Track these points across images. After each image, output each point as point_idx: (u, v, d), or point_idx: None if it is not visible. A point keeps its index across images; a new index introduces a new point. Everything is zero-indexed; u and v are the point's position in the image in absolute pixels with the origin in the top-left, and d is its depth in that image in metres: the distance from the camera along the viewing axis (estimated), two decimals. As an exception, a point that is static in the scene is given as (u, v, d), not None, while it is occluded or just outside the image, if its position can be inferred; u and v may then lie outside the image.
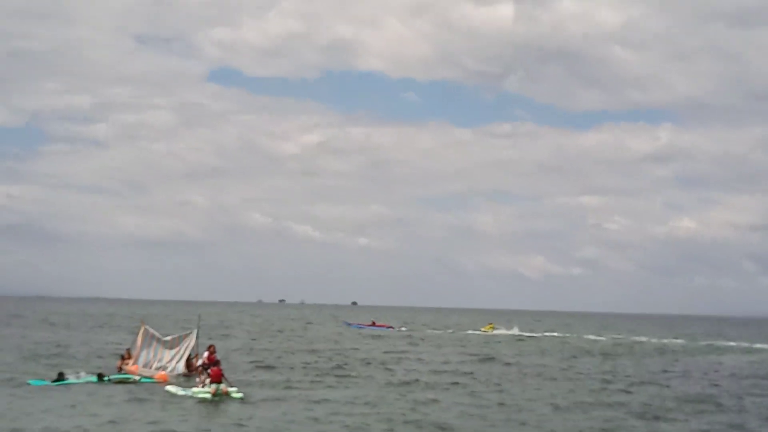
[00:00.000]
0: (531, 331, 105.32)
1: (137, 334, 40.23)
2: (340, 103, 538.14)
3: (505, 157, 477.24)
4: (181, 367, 38.81)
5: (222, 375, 31.75)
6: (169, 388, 32.43)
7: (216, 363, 32.98)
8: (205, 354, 34.23)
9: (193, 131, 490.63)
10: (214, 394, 30.82)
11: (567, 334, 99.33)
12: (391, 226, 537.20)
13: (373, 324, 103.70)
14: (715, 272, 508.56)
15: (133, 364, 38.44)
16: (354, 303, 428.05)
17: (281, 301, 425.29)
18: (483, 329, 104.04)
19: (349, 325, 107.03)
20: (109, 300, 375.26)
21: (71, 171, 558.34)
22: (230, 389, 31.58)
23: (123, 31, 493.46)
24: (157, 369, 38.27)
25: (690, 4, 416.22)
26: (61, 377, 34.80)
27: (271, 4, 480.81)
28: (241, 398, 30.90)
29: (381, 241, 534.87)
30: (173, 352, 39.26)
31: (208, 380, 31.66)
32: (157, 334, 40.41)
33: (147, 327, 40.54)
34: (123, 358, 39.17)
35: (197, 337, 40.12)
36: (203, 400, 30.44)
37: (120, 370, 38.08)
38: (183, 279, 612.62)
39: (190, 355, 39.46)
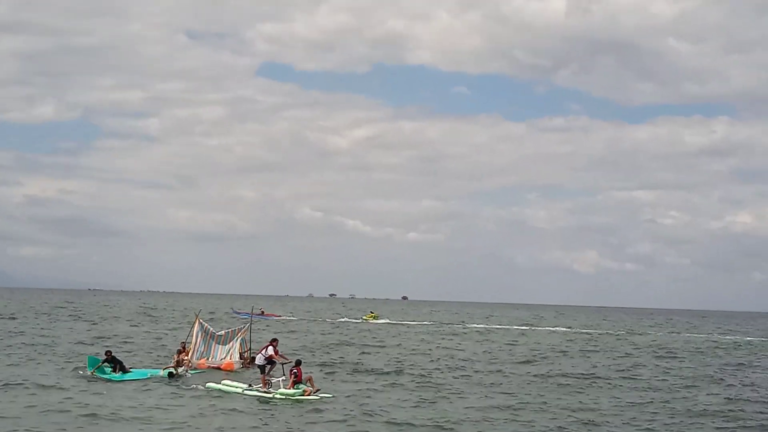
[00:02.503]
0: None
1: (192, 327, 40.17)
2: (390, 97, 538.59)
3: (558, 151, 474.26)
4: (236, 359, 38.76)
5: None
6: (248, 392, 30.66)
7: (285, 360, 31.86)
8: (270, 349, 32.03)
9: (244, 126, 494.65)
10: (309, 394, 29.73)
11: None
12: (442, 221, 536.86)
13: (262, 313, 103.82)
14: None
15: (193, 358, 38.20)
16: (404, 297, 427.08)
17: (331, 295, 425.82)
18: (364, 318, 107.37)
19: (237, 313, 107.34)
20: (161, 293, 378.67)
21: (124, 165, 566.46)
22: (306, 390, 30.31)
23: (175, 27, 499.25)
24: (215, 363, 38.21)
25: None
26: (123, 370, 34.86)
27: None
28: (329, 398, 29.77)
29: (432, 236, 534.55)
30: (227, 346, 39.20)
31: (279, 379, 30.73)
32: (211, 328, 40.46)
33: (202, 321, 40.45)
34: (179, 352, 39.00)
35: (250, 331, 40.08)
36: (297, 402, 29.13)
37: (178, 364, 37.86)
38: (234, 273, 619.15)
39: (242, 350, 39.46)
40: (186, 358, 37.66)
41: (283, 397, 29.52)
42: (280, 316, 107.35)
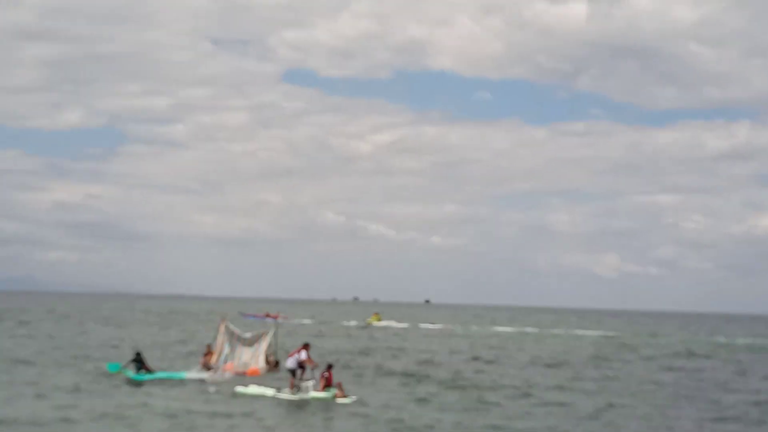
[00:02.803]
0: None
1: (218, 330, 40.54)
2: (412, 102, 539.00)
3: (580, 155, 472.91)
4: (261, 364, 39.16)
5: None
6: (279, 395, 30.77)
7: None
8: (303, 353, 31.53)
9: (268, 131, 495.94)
10: (340, 398, 29.93)
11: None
12: (465, 225, 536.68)
13: (267, 315, 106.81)
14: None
15: (218, 361, 38.68)
16: (427, 301, 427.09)
17: (355, 299, 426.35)
18: (368, 321, 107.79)
19: (246, 316, 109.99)
20: (186, 297, 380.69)
21: (150, 171, 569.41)
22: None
23: (199, 34, 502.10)
24: (241, 366, 38.56)
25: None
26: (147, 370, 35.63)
27: (344, 5, 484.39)
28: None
29: (454, 240, 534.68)
30: (252, 349, 39.56)
31: (309, 383, 30.83)
32: (237, 331, 40.73)
33: (227, 323, 40.84)
34: (205, 354, 39.54)
35: (277, 335, 40.57)
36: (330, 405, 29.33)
37: (204, 366, 38.45)
38: (258, 277, 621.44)
39: (267, 353, 39.81)
40: (212, 361, 38.38)
41: (318, 400, 29.77)
42: (286, 318, 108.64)
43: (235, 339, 39.77)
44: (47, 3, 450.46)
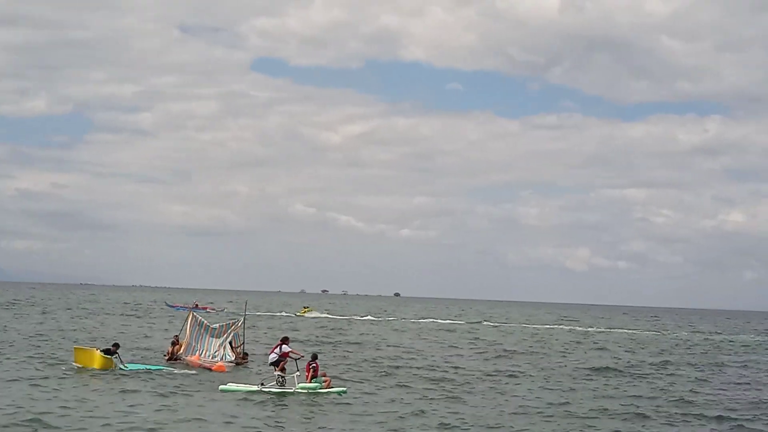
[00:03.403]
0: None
1: (186, 321, 39.05)
2: (384, 92, 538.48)
3: (552, 148, 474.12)
4: (229, 355, 37.71)
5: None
6: (265, 389, 29.26)
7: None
8: (285, 347, 30.45)
9: (238, 121, 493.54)
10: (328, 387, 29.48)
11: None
12: (435, 217, 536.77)
13: (196, 306, 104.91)
14: (766, 267, 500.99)
15: (185, 352, 37.17)
16: (397, 294, 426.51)
17: (324, 291, 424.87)
18: (298, 313, 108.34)
19: (172, 306, 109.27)
20: (152, 288, 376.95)
21: (117, 160, 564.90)
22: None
23: (169, 21, 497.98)
24: (208, 357, 37.08)
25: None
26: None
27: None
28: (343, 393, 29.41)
29: (425, 233, 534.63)
30: (221, 340, 38.07)
31: (294, 375, 29.68)
32: (205, 321, 39.35)
33: (195, 314, 39.59)
34: (173, 344, 37.97)
35: (243, 325, 39.12)
36: (319, 395, 28.73)
37: (170, 357, 36.98)
38: (226, 268, 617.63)
39: (234, 343, 38.36)
40: (180, 351, 36.79)
41: (305, 390, 28.98)
42: (214, 310, 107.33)
43: (203, 329, 38.30)
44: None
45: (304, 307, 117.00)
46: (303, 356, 30.94)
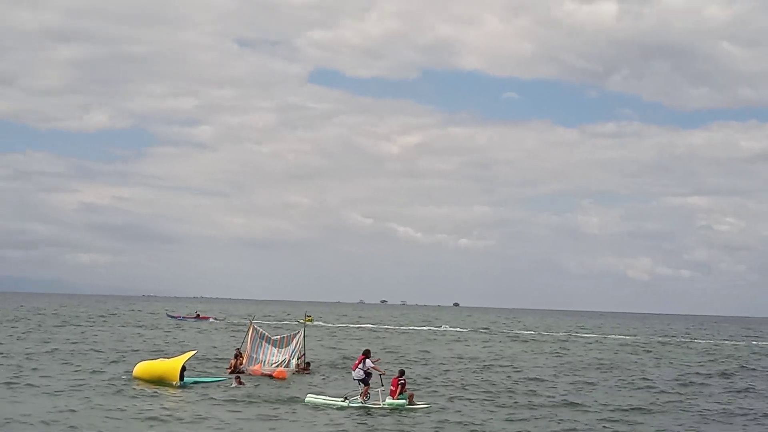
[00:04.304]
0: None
1: (247, 333, 39.77)
2: (440, 102, 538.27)
3: (611, 156, 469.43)
4: (291, 366, 38.27)
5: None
6: (353, 404, 29.29)
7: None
8: (368, 362, 29.99)
9: (295, 132, 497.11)
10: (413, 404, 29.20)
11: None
12: (493, 227, 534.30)
13: (197, 316, 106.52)
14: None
15: (247, 364, 37.94)
16: (456, 304, 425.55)
17: (383, 301, 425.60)
18: (302, 321, 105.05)
19: (173, 317, 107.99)
20: (213, 300, 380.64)
21: (177, 172, 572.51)
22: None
23: (226, 35, 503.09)
24: (271, 367, 37.70)
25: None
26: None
27: (371, 5, 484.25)
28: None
29: (483, 242, 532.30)
30: (282, 351, 38.70)
31: (379, 390, 29.70)
32: (266, 333, 40.02)
33: (256, 326, 40.09)
34: (236, 357, 38.70)
35: (304, 337, 39.68)
36: (409, 412, 28.45)
37: (233, 369, 37.61)
38: (285, 279, 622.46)
39: (297, 356, 38.98)
40: (242, 363, 37.55)
41: (392, 407, 28.82)
42: (216, 319, 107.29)
43: (264, 340, 39.01)
44: (74, 4, 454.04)
45: (307, 316, 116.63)
46: (386, 372, 30.94)
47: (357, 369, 30.21)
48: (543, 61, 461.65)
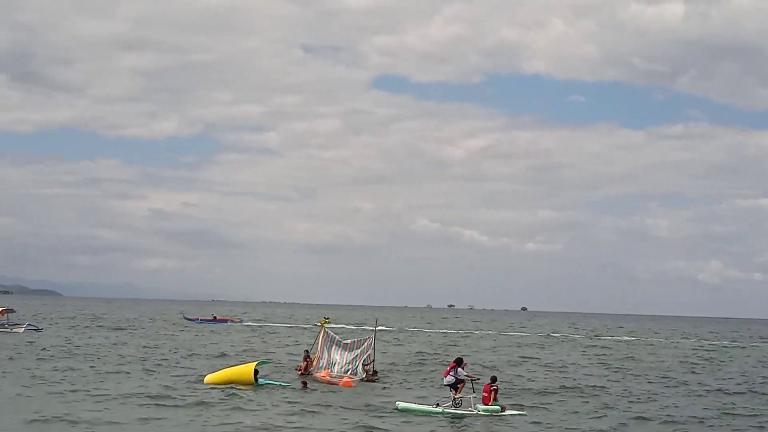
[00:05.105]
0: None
1: (317, 336, 38.93)
2: (504, 106, 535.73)
3: (679, 158, 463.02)
4: (360, 371, 37.19)
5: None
6: (447, 410, 28.54)
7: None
8: (461, 369, 29.28)
9: (360, 138, 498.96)
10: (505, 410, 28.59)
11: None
12: (560, 231, 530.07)
13: (214, 318, 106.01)
14: None
15: (317, 368, 37.08)
16: (524, 308, 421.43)
17: (450, 306, 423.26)
18: (317, 323, 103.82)
19: (190, 319, 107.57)
20: (280, 304, 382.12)
21: (243, 178, 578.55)
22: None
23: (291, 41, 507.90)
24: (340, 371, 36.72)
25: None
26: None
27: (434, 10, 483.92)
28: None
29: (550, 246, 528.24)
30: (351, 355, 37.68)
31: (471, 396, 28.91)
32: (337, 336, 39.13)
33: (327, 329, 39.19)
34: (305, 359, 37.78)
35: (374, 343, 38.79)
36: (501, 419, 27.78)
37: (302, 372, 36.72)
38: (351, 284, 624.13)
39: (365, 360, 37.92)
40: (312, 367, 36.57)
41: (487, 413, 28.13)
42: (233, 321, 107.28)
43: (334, 344, 38.16)
44: (142, 13, 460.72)
45: (325, 318, 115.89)
46: (480, 378, 30.44)
47: (449, 375, 29.46)
48: (609, 63, 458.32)
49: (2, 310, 68.03)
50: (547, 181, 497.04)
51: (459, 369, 29.25)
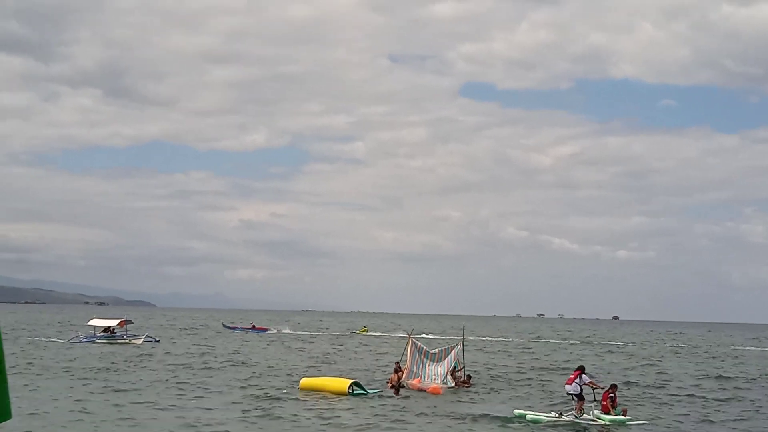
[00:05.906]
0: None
1: (406, 348, 38.95)
2: (594, 112, 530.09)
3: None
4: (448, 380, 37.30)
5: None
6: (566, 419, 28.32)
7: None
8: (585, 377, 28.75)
9: (447, 146, 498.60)
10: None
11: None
12: (652, 238, 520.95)
13: (253, 327, 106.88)
14: None
15: (407, 378, 36.86)
16: (615, 317, 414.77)
17: (540, 315, 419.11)
18: (358, 331, 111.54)
19: (229, 328, 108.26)
20: (369, 314, 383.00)
21: (331, 188, 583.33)
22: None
23: (377, 51, 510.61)
24: (429, 382, 36.63)
25: None
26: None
27: (522, 16, 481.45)
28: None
29: (642, 254, 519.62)
30: (440, 365, 37.77)
31: (591, 404, 28.79)
32: (425, 347, 39.15)
33: (414, 340, 39.25)
34: (396, 371, 37.65)
35: (463, 350, 38.98)
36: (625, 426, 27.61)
37: (393, 385, 36.44)
38: (439, 293, 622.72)
39: (454, 368, 38.09)
40: (403, 378, 36.50)
41: (613, 423, 27.94)
42: (270, 330, 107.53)
43: (422, 355, 38.18)
44: (231, 27, 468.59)
45: (363, 327, 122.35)
46: (603, 387, 30.16)
47: (573, 383, 28.94)
48: (700, 66, 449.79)
49: (121, 321, 68.35)
50: (639, 187, 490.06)
51: (584, 377, 28.74)
